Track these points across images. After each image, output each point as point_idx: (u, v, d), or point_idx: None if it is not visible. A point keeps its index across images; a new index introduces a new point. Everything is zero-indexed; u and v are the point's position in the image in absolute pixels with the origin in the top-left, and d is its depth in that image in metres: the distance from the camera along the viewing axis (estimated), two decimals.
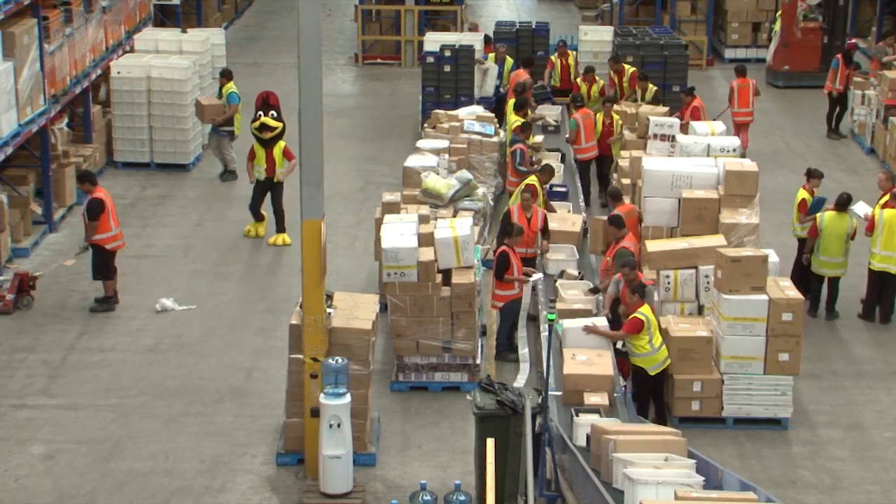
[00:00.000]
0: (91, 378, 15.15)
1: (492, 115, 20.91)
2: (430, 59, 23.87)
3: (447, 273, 14.85)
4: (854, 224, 16.82)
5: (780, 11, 28.15)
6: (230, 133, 21.76)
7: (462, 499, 11.77)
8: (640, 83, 22.52)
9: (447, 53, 23.73)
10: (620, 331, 13.80)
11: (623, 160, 18.96)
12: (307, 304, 12.64)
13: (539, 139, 20.41)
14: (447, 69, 23.62)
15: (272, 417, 14.13)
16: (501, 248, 15.37)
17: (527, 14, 34.19)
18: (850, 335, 16.63)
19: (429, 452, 13.65)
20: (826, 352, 16.12)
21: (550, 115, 22.32)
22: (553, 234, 16.55)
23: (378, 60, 30.06)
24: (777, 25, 28.13)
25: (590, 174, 20.80)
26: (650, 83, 22.43)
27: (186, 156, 22.31)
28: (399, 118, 25.68)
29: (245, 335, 16.34)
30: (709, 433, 13.98)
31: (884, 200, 16.91)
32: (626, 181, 18.05)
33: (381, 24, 30.53)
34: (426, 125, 21.10)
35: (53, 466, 13.27)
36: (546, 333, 13.78)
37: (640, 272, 14.59)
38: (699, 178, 15.93)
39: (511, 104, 20.73)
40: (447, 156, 18.74)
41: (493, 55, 24.18)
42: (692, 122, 19.16)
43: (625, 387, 13.70)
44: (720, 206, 15.58)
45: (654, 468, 10.54)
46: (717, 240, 15.06)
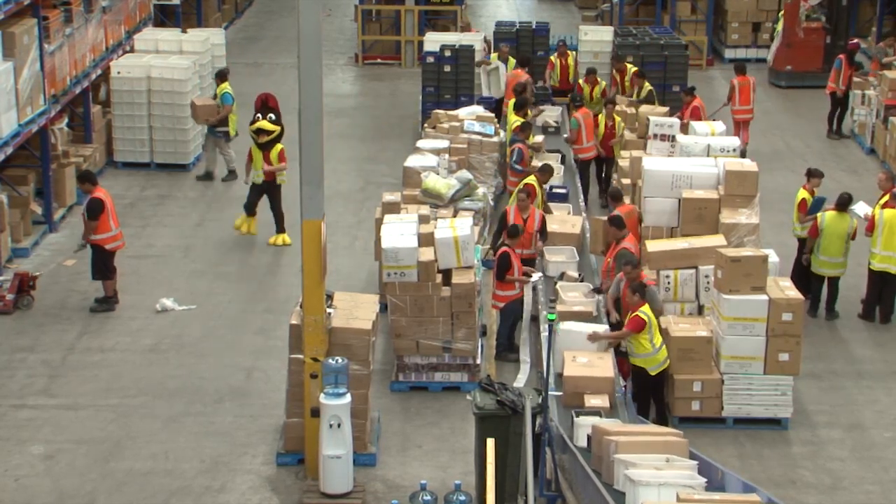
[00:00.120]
0: (91, 378, 15.15)
1: (492, 115, 20.90)
2: (430, 59, 23.90)
3: (447, 273, 14.85)
4: (854, 224, 16.82)
5: (783, 11, 28.13)
6: (225, 133, 21.75)
7: (462, 499, 11.76)
8: (637, 80, 22.53)
9: (447, 53, 23.75)
10: (623, 331, 13.79)
11: (623, 160, 18.96)
12: (307, 304, 12.64)
13: (539, 139, 20.40)
14: (447, 69, 23.67)
15: (272, 417, 14.13)
16: (503, 249, 15.37)
17: (527, 14, 34.18)
18: (850, 335, 16.62)
19: (429, 452, 13.64)
20: (826, 352, 16.12)
21: (550, 116, 22.32)
22: (553, 236, 16.53)
23: (378, 60, 30.05)
24: (779, 25, 28.09)
25: (589, 174, 20.82)
26: (646, 81, 22.43)
27: (186, 156, 22.31)
28: (399, 118, 25.67)
29: (245, 335, 16.34)
30: (709, 433, 13.97)
31: (884, 200, 16.91)
32: (626, 181, 18.05)
33: (381, 24, 30.52)
34: (426, 125, 21.08)
35: (53, 466, 13.27)
36: (546, 333, 13.77)
37: (643, 271, 14.58)
38: (699, 178, 15.93)
39: (511, 104, 20.73)
40: (447, 156, 18.74)
41: (496, 55, 24.17)
42: (692, 122, 19.16)
43: (625, 387, 13.70)
44: (720, 206, 15.58)
45: (656, 469, 10.51)
46: (717, 240, 15.06)
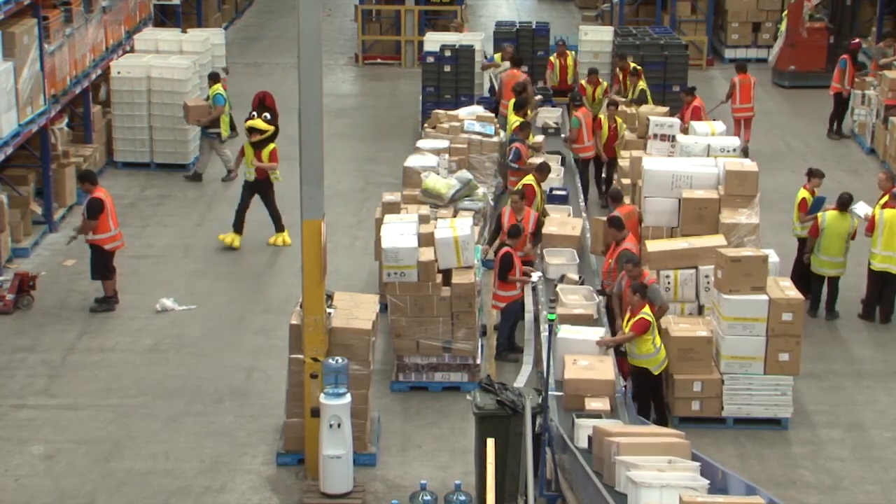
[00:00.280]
0: (91, 378, 15.15)
1: (492, 115, 20.88)
2: (430, 59, 23.89)
3: (447, 273, 14.85)
4: (855, 224, 16.82)
5: (786, 11, 28.11)
6: (217, 135, 21.73)
7: (462, 499, 11.76)
8: (631, 78, 22.51)
9: (447, 53, 23.75)
10: (628, 334, 13.75)
11: (623, 160, 18.96)
12: (307, 304, 12.64)
13: (539, 139, 20.40)
14: (447, 69, 23.66)
15: (272, 417, 14.12)
16: (505, 249, 15.33)
17: (527, 14, 34.17)
18: (850, 335, 16.62)
19: (429, 452, 13.64)
20: (826, 352, 16.12)
21: (550, 118, 22.31)
22: (553, 238, 16.46)
23: (378, 60, 30.05)
24: (783, 25, 28.06)
25: (589, 174, 20.81)
26: (640, 80, 22.38)
27: (186, 156, 22.30)
28: (399, 118, 25.67)
29: (245, 335, 16.34)
30: (709, 433, 13.97)
31: (884, 200, 16.91)
32: (627, 181, 18.05)
33: (381, 24, 30.52)
34: (426, 125, 21.07)
35: (53, 466, 13.27)
36: (546, 333, 13.77)
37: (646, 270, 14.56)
38: (699, 178, 15.93)
39: (511, 104, 20.73)
40: (447, 156, 18.72)
41: (499, 55, 24.13)
42: (692, 122, 19.16)
43: (625, 387, 13.68)
44: (720, 206, 15.58)
45: (658, 471, 10.46)
46: (717, 240, 15.05)
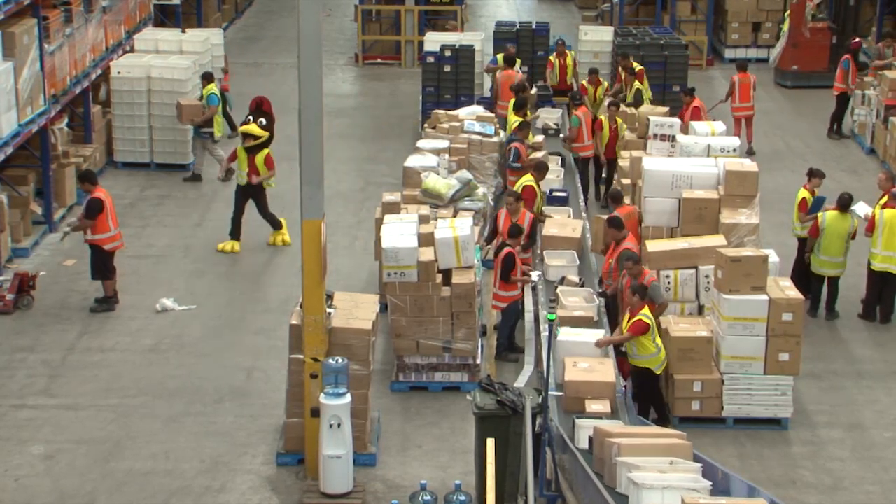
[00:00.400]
0: (91, 378, 15.15)
1: (492, 115, 20.90)
2: (430, 59, 23.89)
3: (447, 273, 14.85)
4: (855, 224, 16.82)
5: (789, 11, 28.09)
6: (210, 134, 21.72)
7: (462, 499, 11.76)
8: (628, 78, 22.48)
9: (447, 53, 23.75)
10: (626, 334, 13.73)
11: (623, 160, 18.96)
12: (307, 304, 12.64)
13: (539, 139, 20.40)
14: (447, 69, 23.67)
15: (272, 417, 14.12)
16: (507, 250, 15.27)
17: (527, 14, 34.19)
18: (850, 335, 16.62)
19: (429, 452, 13.64)
20: (826, 352, 16.12)
21: (550, 119, 22.31)
22: (553, 240, 16.44)
23: (378, 60, 30.05)
24: (785, 25, 28.05)
25: (589, 173, 20.81)
26: (636, 80, 22.36)
27: (186, 156, 22.29)
28: (399, 118, 25.67)
29: (245, 335, 16.34)
30: (709, 433, 13.96)
31: (884, 201, 16.91)
32: (627, 181, 18.05)
33: (381, 24, 30.52)
34: (426, 125, 21.08)
35: (53, 466, 13.27)
36: (546, 333, 13.76)
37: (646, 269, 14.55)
38: (699, 178, 15.93)
39: (511, 104, 20.74)
40: (447, 156, 18.73)
41: (502, 56, 24.11)
42: (692, 122, 19.16)
43: (625, 387, 13.68)
44: (720, 206, 15.57)
45: (660, 473, 10.42)
46: (717, 240, 15.05)
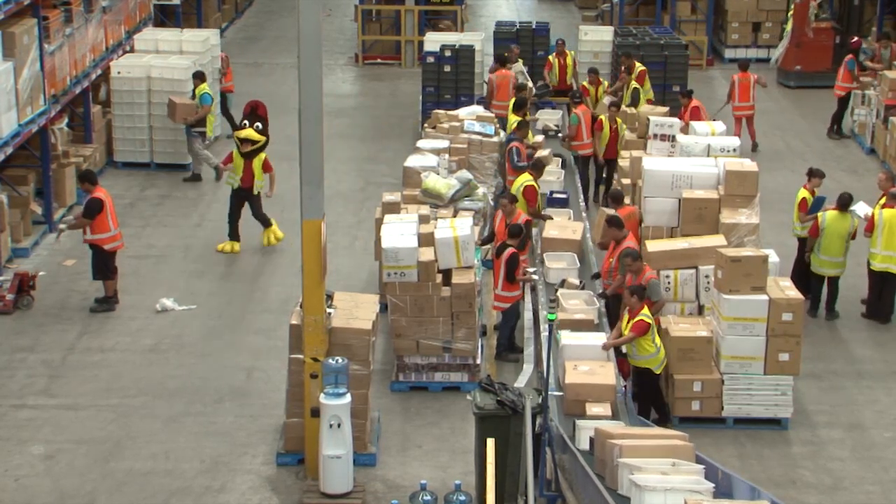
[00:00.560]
0: (91, 378, 15.15)
1: (492, 115, 20.90)
2: (430, 59, 23.89)
3: (447, 273, 14.85)
4: (855, 224, 16.82)
5: (792, 11, 28.08)
6: (202, 134, 21.71)
7: (462, 499, 11.76)
8: (625, 77, 22.46)
9: (447, 53, 23.75)
10: (627, 335, 13.70)
11: (623, 160, 18.95)
12: (307, 304, 12.64)
13: (539, 139, 20.40)
14: (447, 69, 23.67)
15: (272, 417, 14.12)
16: (510, 251, 15.23)
17: (527, 14, 34.20)
18: (850, 335, 16.62)
19: (429, 452, 13.64)
20: (826, 352, 16.12)
21: (551, 120, 22.30)
22: (554, 242, 16.46)
23: (378, 60, 30.06)
24: (789, 25, 28.04)
25: (589, 171, 20.81)
26: (633, 80, 22.35)
27: (186, 156, 22.26)
28: (399, 118, 25.68)
29: (245, 335, 16.34)
30: (709, 433, 13.96)
31: (884, 200, 16.91)
32: (627, 181, 18.05)
33: (381, 24, 30.52)
34: (426, 125, 21.08)
35: (53, 466, 13.27)
36: (546, 333, 13.76)
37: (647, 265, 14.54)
38: (699, 178, 15.92)
39: (511, 104, 20.74)
40: (447, 156, 18.73)
41: (495, 55, 24.10)
42: (692, 123, 19.16)
43: (625, 387, 13.68)
44: (720, 206, 15.57)
45: (662, 474, 10.40)
46: (717, 240, 15.05)
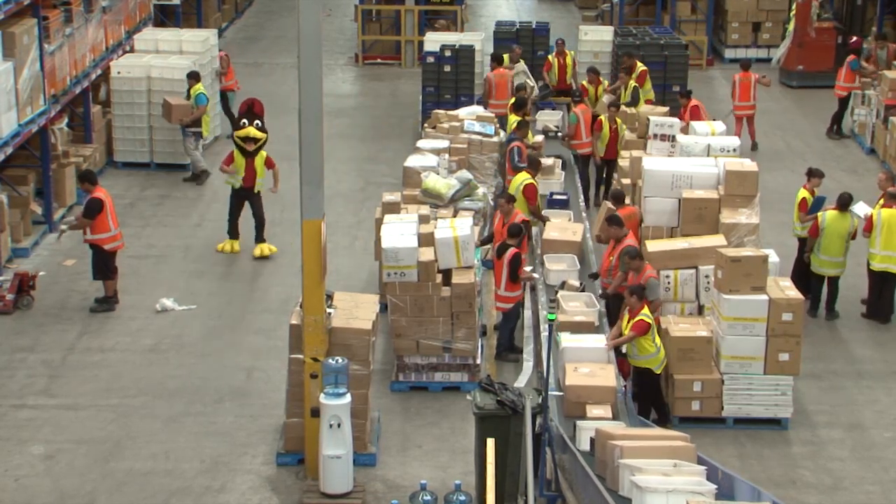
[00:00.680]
0: (91, 378, 15.15)
1: (492, 115, 20.90)
2: (430, 59, 23.89)
3: (447, 273, 14.85)
4: (855, 224, 16.83)
5: (794, 11, 28.08)
6: (197, 134, 21.70)
7: (462, 499, 11.76)
8: (624, 77, 22.45)
9: (447, 53, 23.75)
10: (628, 335, 13.69)
11: (623, 160, 18.95)
12: (307, 304, 12.64)
13: (539, 139, 20.40)
14: (447, 69, 23.66)
15: (272, 417, 14.12)
16: (513, 251, 15.21)
17: (527, 14, 34.20)
18: (850, 335, 16.62)
19: (429, 452, 13.64)
20: (826, 352, 16.12)
21: (551, 121, 22.30)
22: (554, 244, 16.46)
23: (378, 60, 30.05)
24: (791, 25, 28.03)
25: (589, 170, 20.82)
26: (631, 79, 22.34)
27: (186, 156, 22.28)
28: (399, 118, 25.67)
29: (245, 335, 16.34)
30: (709, 433, 13.96)
31: (883, 200, 16.91)
32: (626, 181, 18.04)
33: (381, 24, 30.52)
34: (426, 125, 21.07)
35: (53, 466, 13.27)
36: (546, 333, 13.75)
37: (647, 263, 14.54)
38: (699, 178, 15.93)
39: (510, 104, 20.74)
40: (447, 156, 18.72)
41: (508, 56, 24.08)
42: (692, 122, 19.16)
43: (625, 387, 13.68)
44: (720, 206, 15.57)
45: (664, 475, 10.38)
46: (717, 240, 15.05)
